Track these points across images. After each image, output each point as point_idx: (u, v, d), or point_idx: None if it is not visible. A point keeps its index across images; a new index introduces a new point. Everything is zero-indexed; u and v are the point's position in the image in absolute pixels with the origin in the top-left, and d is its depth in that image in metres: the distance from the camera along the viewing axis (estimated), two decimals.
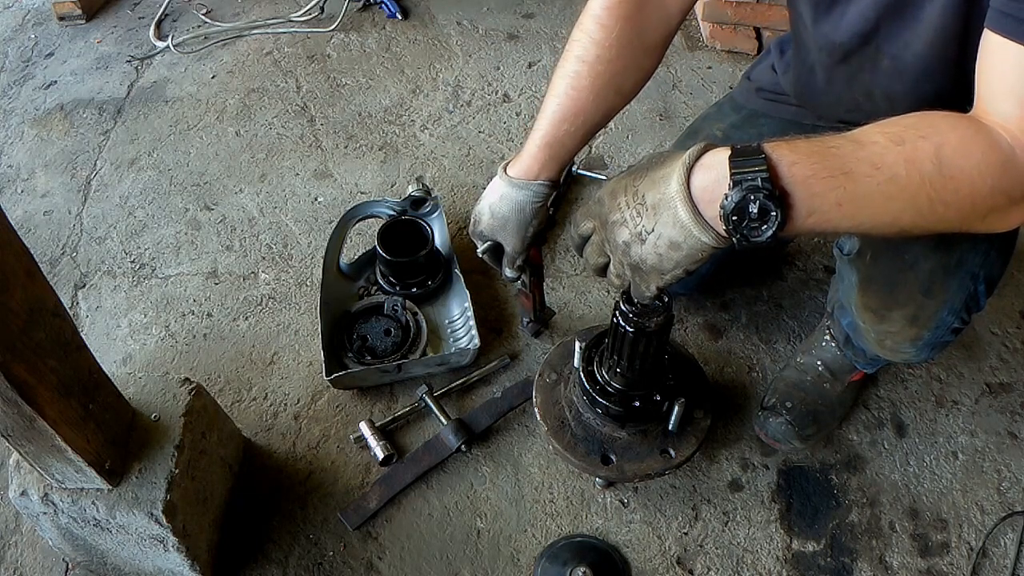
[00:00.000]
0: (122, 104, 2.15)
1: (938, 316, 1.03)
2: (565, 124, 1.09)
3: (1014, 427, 1.41)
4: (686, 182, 0.74)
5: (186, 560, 1.14)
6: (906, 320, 1.05)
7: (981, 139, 0.74)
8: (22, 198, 1.91)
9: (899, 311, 1.05)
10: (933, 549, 1.27)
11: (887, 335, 1.09)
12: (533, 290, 1.39)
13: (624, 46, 1.06)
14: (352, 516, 1.29)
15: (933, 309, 1.02)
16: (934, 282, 1.00)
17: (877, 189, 0.72)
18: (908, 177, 0.72)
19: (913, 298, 1.02)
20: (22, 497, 1.07)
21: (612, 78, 1.08)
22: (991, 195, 0.74)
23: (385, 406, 1.45)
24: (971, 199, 0.74)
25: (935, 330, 1.04)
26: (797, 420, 1.33)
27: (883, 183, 0.72)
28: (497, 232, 1.16)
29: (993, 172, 0.73)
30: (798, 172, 0.71)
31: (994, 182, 0.73)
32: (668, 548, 1.27)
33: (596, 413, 1.20)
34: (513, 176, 1.12)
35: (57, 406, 0.90)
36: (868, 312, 1.10)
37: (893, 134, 0.73)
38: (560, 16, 2.37)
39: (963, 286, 1.01)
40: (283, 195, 1.87)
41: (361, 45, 2.32)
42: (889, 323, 1.07)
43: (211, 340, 1.58)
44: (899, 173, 0.71)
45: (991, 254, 1.01)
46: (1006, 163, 0.73)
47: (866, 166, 0.72)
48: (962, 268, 1.00)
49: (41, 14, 2.48)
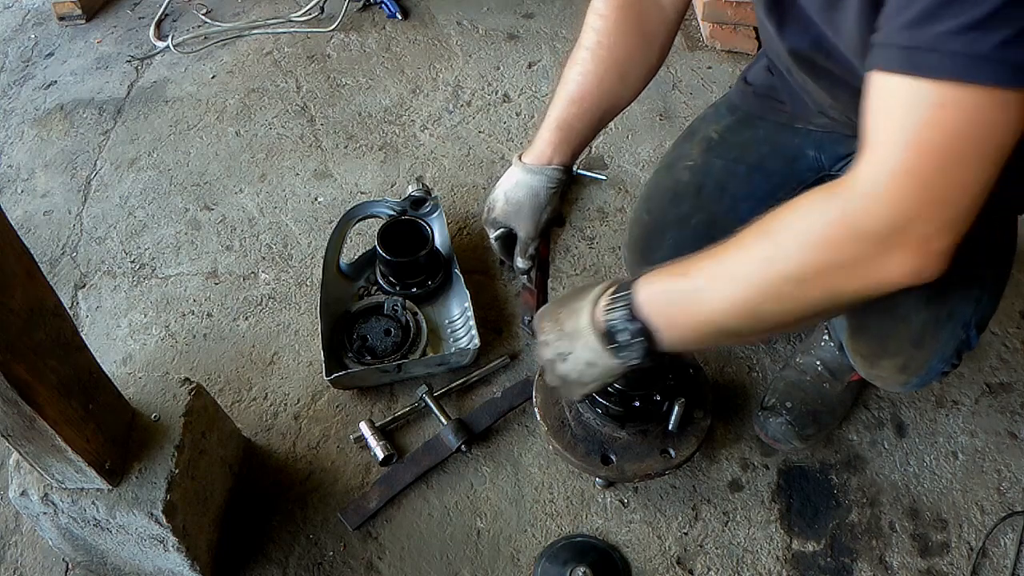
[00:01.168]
0: (122, 104, 2.15)
1: (928, 364, 1.04)
2: (572, 107, 1.12)
3: (1014, 427, 1.41)
4: (592, 313, 0.90)
5: (186, 560, 1.14)
6: (896, 368, 1.07)
7: (825, 216, 0.74)
8: (22, 198, 1.91)
9: (889, 360, 1.07)
10: (933, 549, 1.27)
11: (877, 378, 1.13)
12: (538, 286, 1.39)
13: (623, 34, 1.11)
14: (352, 516, 1.29)
15: (923, 359, 1.03)
16: (925, 334, 1.01)
17: (729, 306, 0.80)
18: (759, 284, 0.78)
19: (903, 349, 1.04)
20: (22, 497, 1.07)
21: (614, 64, 1.12)
22: (845, 261, 0.74)
23: (385, 406, 1.45)
24: (824, 273, 0.75)
25: (924, 376, 1.06)
26: (797, 420, 1.33)
27: (734, 299, 0.79)
28: (511, 218, 1.17)
29: (833, 243, 0.73)
30: (653, 308, 0.85)
31: (837, 251, 0.74)
32: (668, 548, 1.27)
33: (596, 413, 1.21)
34: (527, 162, 1.15)
35: (57, 406, 0.90)
36: (859, 357, 1.12)
37: (749, 240, 0.79)
38: (560, 16, 2.37)
39: (954, 335, 1.01)
40: (283, 195, 1.87)
41: (361, 45, 2.32)
42: (879, 369, 1.10)
43: (211, 340, 1.58)
44: (749, 284, 0.78)
45: (983, 300, 1.01)
46: (850, 228, 0.73)
47: (715, 288, 0.81)
48: (953, 319, 1.00)
49: (41, 14, 2.48)
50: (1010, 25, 0.62)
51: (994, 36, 0.63)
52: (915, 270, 0.72)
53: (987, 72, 0.64)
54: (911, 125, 0.69)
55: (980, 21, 0.63)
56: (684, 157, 1.35)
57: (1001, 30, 0.63)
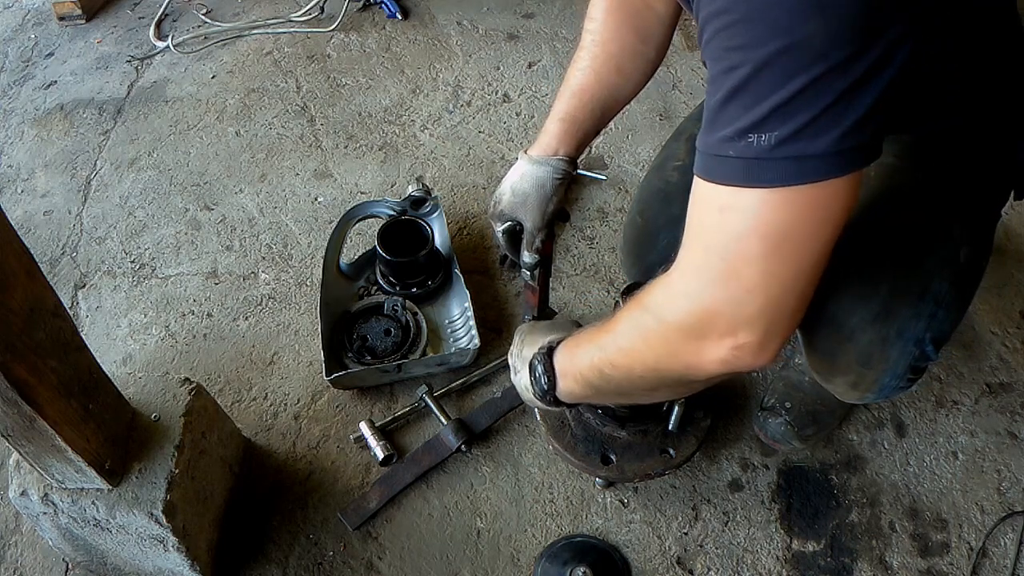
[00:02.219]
0: (122, 104, 2.15)
1: (880, 382, 1.02)
2: (574, 100, 1.15)
3: (1014, 427, 1.41)
4: (536, 351, 1.02)
5: (186, 560, 1.14)
6: (848, 385, 1.06)
7: (638, 321, 0.83)
8: (22, 198, 1.91)
9: (841, 377, 1.06)
10: (933, 549, 1.27)
11: (834, 392, 1.13)
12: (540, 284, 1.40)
13: (616, 32, 1.14)
14: (352, 516, 1.29)
15: (873, 378, 1.02)
16: (872, 354, 0.99)
17: (602, 377, 0.91)
18: (613, 369, 0.89)
19: (852, 368, 1.02)
20: (22, 497, 1.07)
21: (609, 59, 1.15)
22: (659, 353, 0.81)
23: (385, 406, 1.45)
24: (644, 363, 0.84)
25: (879, 392, 1.05)
26: (796, 420, 1.33)
27: (591, 364, 0.92)
28: (517, 209, 1.18)
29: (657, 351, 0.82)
30: (559, 360, 0.99)
31: (658, 355, 0.82)
32: (668, 548, 1.27)
33: (596, 413, 1.21)
34: (533, 155, 1.16)
35: (57, 406, 0.90)
36: (815, 372, 1.13)
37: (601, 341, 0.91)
38: (560, 16, 2.37)
39: (905, 353, 0.98)
40: (283, 195, 1.87)
41: (361, 45, 2.32)
42: (833, 385, 1.10)
43: (211, 340, 1.58)
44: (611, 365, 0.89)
45: (938, 314, 0.98)
46: (658, 322, 0.80)
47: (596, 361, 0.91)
48: (903, 337, 0.97)
49: (41, 14, 2.48)
50: (784, 124, 0.64)
51: (768, 138, 0.65)
52: (725, 360, 0.76)
53: (766, 173, 0.66)
54: (702, 226, 0.73)
55: (755, 124, 0.65)
56: (672, 158, 1.35)
57: (775, 130, 0.64)
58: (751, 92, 0.65)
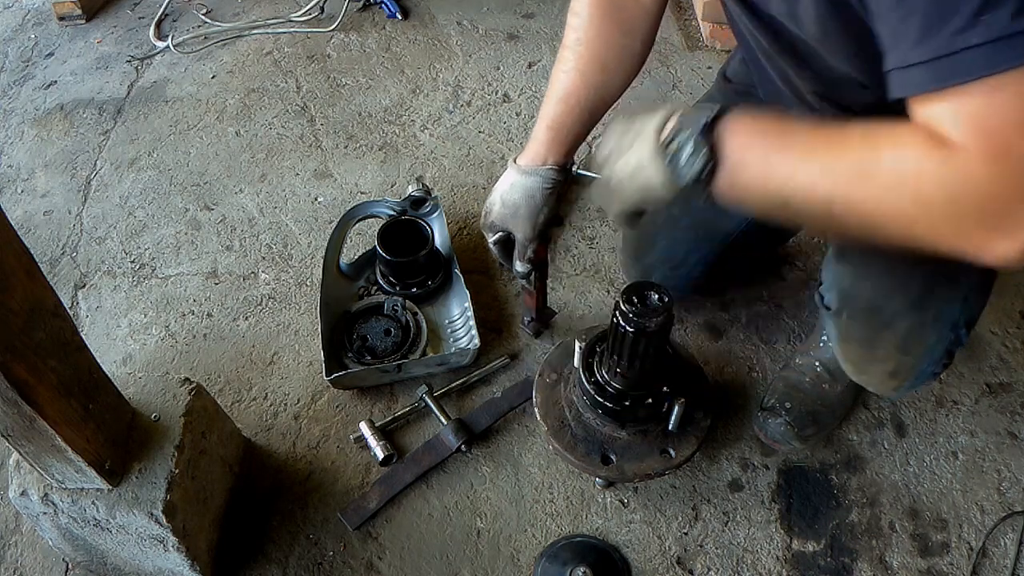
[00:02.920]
0: (122, 104, 2.15)
1: (917, 368, 1.03)
2: (561, 105, 1.13)
3: (1014, 427, 1.41)
4: (666, 118, 0.83)
5: (186, 560, 1.14)
6: (885, 374, 1.06)
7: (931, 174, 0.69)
8: (22, 198, 1.91)
9: (879, 366, 1.06)
10: (933, 549, 1.27)
11: (869, 384, 1.12)
12: (538, 288, 1.40)
13: (599, 28, 1.13)
14: (352, 516, 1.29)
15: (912, 363, 1.02)
16: (911, 340, 1.00)
17: (807, 190, 0.75)
18: (846, 193, 0.73)
19: (891, 355, 1.03)
20: (22, 497, 1.07)
21: (594, 58, 1.13)
22: (936, 224, 0.70)
23: (385, 406, 1.45)
24: (908, 220, 0.71)
25: (915, 380, 1.05)
26: (796, 421, 1.33)
27: (812, 185, 0.74)
28: (508, 220, 1.17)
29: (929, 204, 0.69)
30: (733, 141, 0.78)
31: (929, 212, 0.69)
32: (668, 548, 1.27)
33: (596, 413, 1.20)
34: (522, 164, 1.15)
35: (57, 406, 0.90)
36: (849, 364, 1.12)
37: (854, 144, 0.74)
38: (560, 16, 2.36)
39: (942, 338, 1.00)
40: (283, 195, 1.87)
41: (361, 45, 2.32)
42: (869, 375, 1.09)
43: (211, 340, 1.58)
44: (835, 185, 0.73)
45: (969, 299, 0.99)
46: (950, 198, 0.68)
47: (804, 165, 0.75)
48: (940, 322, 0.98)
49: (41, 14, 2.48)
50: None
51: (1003, 14, 0.60)
52: (1007, 255, 0.67)
53: (1015, 52, 0.60)
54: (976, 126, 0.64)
55: (981, 6, 0.60)
56: None
57: (1006, 6, 0.59)
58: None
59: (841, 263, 1.07)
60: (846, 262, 1.06)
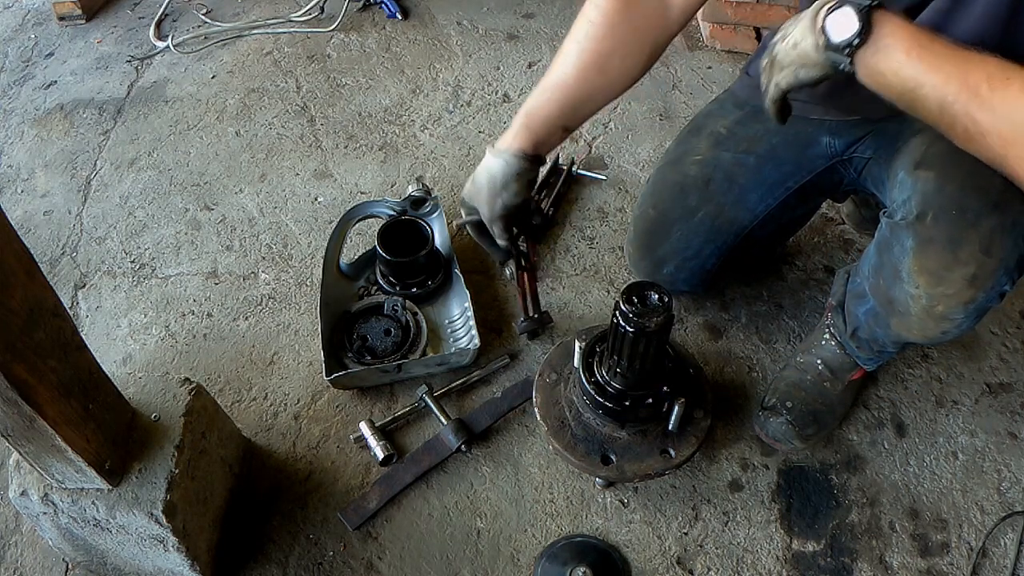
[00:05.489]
0: (122, 104, 2.15)
1: (996, 276, 1.02)
2: (545, 94, 1.15)
3: (1014, 427, 1.41)
4: (826, 3, 0.89)
5: (186, 560, 1.14)
6: (965, 280, 1.03)
7: None
8: (22, 198, 1.91)
9: (960, 270, 1.03)
10: (933, 549, 1.27)
11: (942, 299, 1.07)
12: (521, 282, 1.42)
13: (612, 28, 1.11)
14: (352, 516, 1.29)
15: (992, 267, 1.01)
16: (993, 240, 1.00)
17: (939, 68, 0.82)
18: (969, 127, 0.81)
19: (974, 256, 1.02)
20: (22, 497, 1.07)
21: (596, 57, 1.13)
22: None
23: (385, 406, 1.45)
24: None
25: (990, 291, 1.03)
26: (797, 420, 1.33)
27: (946, 73, 0.82)
28: (474, 198, 1.23)
29: None
30: (893, 17, 0.85)
31: None
32: (668, 548, 1.27)
33: (596, 413, 1.21)
34: (495, 147, 1.19)
35: (57, 406, 0.90)
36: (925, 275, 1.07)
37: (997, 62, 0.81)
38: (560, 16, 2.37)
39: (1017, 246, 1.01)
40: (283, 195, 1.87)
41: (361, 45, 2.32)
42: (947, 284, 1.05)
43: (211, 340, 1.58)
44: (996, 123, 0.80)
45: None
46: None
47: (946, 55, 0.82)
48: (1016, 229, 1.00)
49: (41, 14, 2.48)
50: None
51: None
52: None
53: None
54: None
55: None
56: (691, 152, 1.35)
57: None
58: None
59: (920, 170, 1.09)
60: (927, 168, 1.08)
